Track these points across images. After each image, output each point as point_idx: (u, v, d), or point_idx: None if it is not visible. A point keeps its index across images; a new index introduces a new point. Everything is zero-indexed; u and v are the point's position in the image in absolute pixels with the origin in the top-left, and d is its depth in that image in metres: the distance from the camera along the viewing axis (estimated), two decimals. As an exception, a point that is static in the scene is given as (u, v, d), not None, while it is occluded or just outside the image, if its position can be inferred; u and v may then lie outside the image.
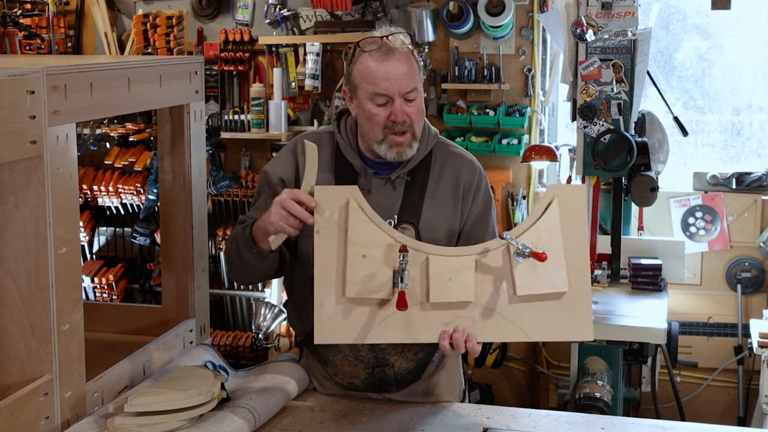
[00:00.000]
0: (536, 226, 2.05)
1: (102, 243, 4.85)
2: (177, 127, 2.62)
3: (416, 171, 2.24)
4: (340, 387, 2.34)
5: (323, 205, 2.05)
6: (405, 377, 2.28)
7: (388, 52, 2.12)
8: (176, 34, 4.51)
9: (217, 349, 3.06)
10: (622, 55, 3.44)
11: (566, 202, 2.07)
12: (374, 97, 2.12)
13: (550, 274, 2.03)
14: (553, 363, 4.51)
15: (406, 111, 2.12)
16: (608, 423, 2.21)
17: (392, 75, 2.10)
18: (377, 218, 2.05)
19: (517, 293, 2.02)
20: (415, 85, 2.13)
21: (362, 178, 2.21)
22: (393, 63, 2.11)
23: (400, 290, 1.96)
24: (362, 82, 2.14)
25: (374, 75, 2.11)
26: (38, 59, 3.09)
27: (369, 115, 2.14)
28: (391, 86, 2.10)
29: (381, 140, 2.15)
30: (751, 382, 4.25)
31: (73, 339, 2.07)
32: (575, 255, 2.05)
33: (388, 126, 2.13)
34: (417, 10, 4.33)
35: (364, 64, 2.14)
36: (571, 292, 2.04)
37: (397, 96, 2.11)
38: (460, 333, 1.99)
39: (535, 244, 2.01)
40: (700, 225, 4.27)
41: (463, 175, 2.27)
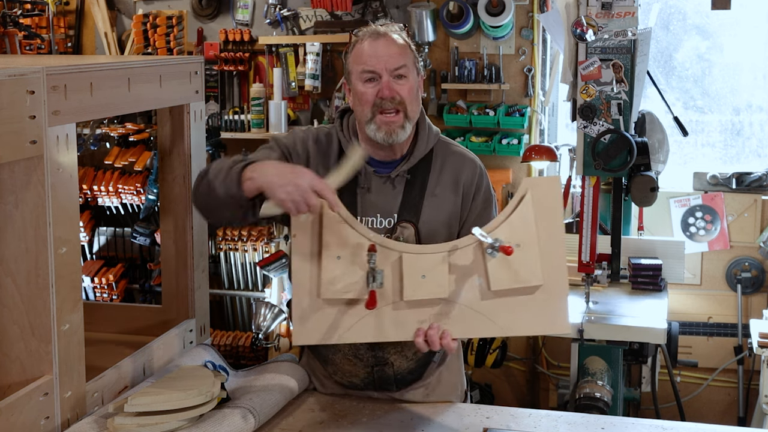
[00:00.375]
0: (509, 220, 2.05)
1: (102, 243, 4.85)
2: (177, 127, 2.62)
3: (416, 169, 2.24)
4: (341, 386, 2.34)
5: None
6: (405, 377, 2.28)
7: (376, 35, 2.17)
8: (176, 34, 4.51)
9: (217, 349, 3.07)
10: (622, 55, 3.43)
11: (540, 195, 2.07)
12: (362, 74, 2.14)
13: (524, 267, 2.02)
14: (553, 363, 4.51)
15: (395, 88, 2.13)
16: (608, 423, 2.21)
17: (380, 52, 2.14)
18: (351, 219, 2.06)
19: (491, 288, 2.02)
20: (404, 62, 2.15)
21: (362, 176, 2.21)
22: (382, 42, 2.15)
23: (371, 289, 1.98)
24: (353, 64, 2.18)
25: (363, 54, 2.15)
26: (38, 59, 3.09)
27: (359, 95, 2.16)
28: (378, 62, 2.13)
29: (370, 119, 2.15)
30: (751, 382, 4.25)
31: (73, 339, 2.07)
32: (551, 248, 2.05)
33: (377, 103, 2.13)
34: (417, 10, 4.33)
35: (356, 48, 2.18)
36: (546, 285, 2.03)
37: (385, 72, 2.13)
38: (434, 330, 1.99)
39: (508, 239, 2.01)
40: (700, 225, 4.27)
41: (464, 174, 2.27)
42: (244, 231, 4.58)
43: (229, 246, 4.64)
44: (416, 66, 2.21)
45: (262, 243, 4.57)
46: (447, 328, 2.01)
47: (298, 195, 1.90)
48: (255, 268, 4.65)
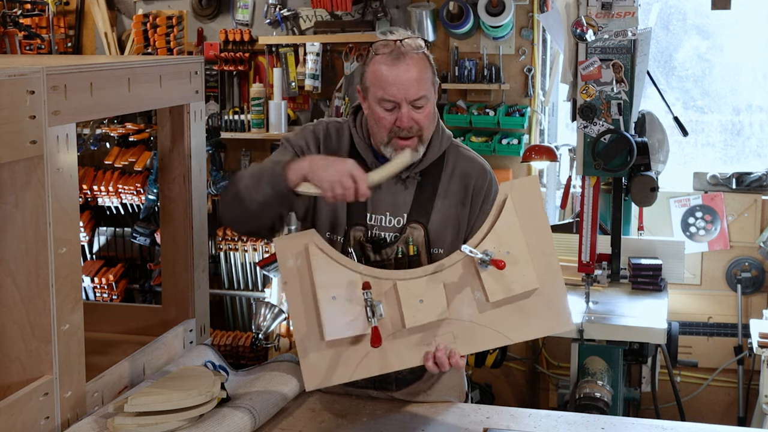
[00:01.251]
0: (494, 230, 2.04)
1: (102, 243, 4.85)
2: (177, 127, 2.62)
3: (428, 172, 2.24)
4: (341, 386, 2.34)
5: (286, 255, 2.05)
6: (406, 376, 2.29)
7: (398, 56, 2.10)
8: (176, 34, 4.51)
9: (217, 349, 3.07)
10: (622, 55, 3.43)
11: (520, 197, 2.06)
12: (382, 101, 2.11)
13: (518, 274, 2.02)
14: (553, 363, 4.51)
15: (413, 117, 2.11)
16: (608, 423, 2.21)
17: (400, 81, 2.08)
18: (339, 256, 2.06)
19: (490, 300, 2.02)
20: (424, 93, 2.11)
21: None
22: (402, 68, 2.09)
23: (373, 326, 1.98)
24: (372, 86, 2.13)
25: (383, 80, 2.10)
26: (38, 59, 3.09)
27: (377, 118, 2.14)
28: (398, 92, 2.09)
29: (386, 143, 2.15)
30: (751, 382, 4.25)
31: (73, 339, 2.07)
32: (541, 248, 2.04)
33: (394, 131, 2.12)
34: (417, 10, 4.32)
35: (375, 67, 2.13)
36: (543, 287, 2.03)
37: (404, 102, 2.09)
38: (442, 352, 2.01)
39: (497, 248, 2.00)
40: (700, 225, 4.27)
41: (473, 179, 2.26)
42: (244, 231, 4.58)
43: (229, 246, 4.64)
44: (434, 84, 2.17)
45: (262, 243, 4.57)
46: (454, 347, 2.02)
47: (336, 176, 1.97)
48: (255, 268, 4.65)
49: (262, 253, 4.59)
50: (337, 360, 2.03)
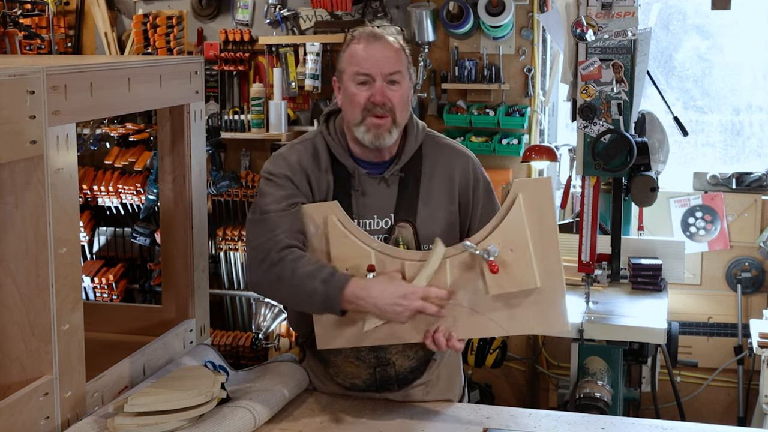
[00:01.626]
0: (501, 227, 2.08)
1: (102, 243, 4.85)
2: (177, 127, 2.62)
3: (408, 167, 2.24)
4: (342, 387, 2.34)
5: (308, 222, 2.15)
6: (406, 376, 2.29)
7: (373, 37, 2.17)
8: (176, 34, 4.50)
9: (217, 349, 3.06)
10: (622, 55, 3.43)
11: (532, 197, 2.08)
12: (356, 76, 2.15)
13: (519, 271, 2.06)
14: (553, 363, 4.51)
15: (387, 94, 2.14)
16: (608, 423, 2.21)
17: (375, 56, 2.14)
18: (358, 231, 2.13)
19: (489, 293, 2.08)
20: (399, 69, 2.15)
21: (355, 179, 2.22)
22: (378, 46, 2.15)
23: None
24: (347, 65, 2.17)
25: (358, 56, 2.15)
26: (38, 59, 3.09)
27: (350, 96, 2.16)
28: (373, 66, 2.13)
29: (360, 122, 2.15)
30: (751, 382, 4.25)
31: (73, 339, 2.07)
32: (546, 250, 2.08)
33: (368, 107, 2.14)
34: (417, 10, 4.32)
35: (351, 49, 2.18)
36: (543, 287, 2.07)
37: (379, 77, 2.13)
38: (440, 333, 2.09)
39: (502, 245, 2.05)
40: (700, 225, 4.27)
41: (457, 168, 2.28)
42: (244, 231, 4.58)
43: (229, 246, 4.64)
44: (409, 71, 2.21)
45: (262, 243, 4.56)
46: (453, 330, 2.09)
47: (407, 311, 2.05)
48: (255, 268, 4.64)
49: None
50: (348, 324, 2.13)
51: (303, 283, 2.08)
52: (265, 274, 2.13)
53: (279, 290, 2.16)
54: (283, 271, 2.10)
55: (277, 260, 2.11)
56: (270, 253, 2.11)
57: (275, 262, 2.11)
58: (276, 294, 2.21)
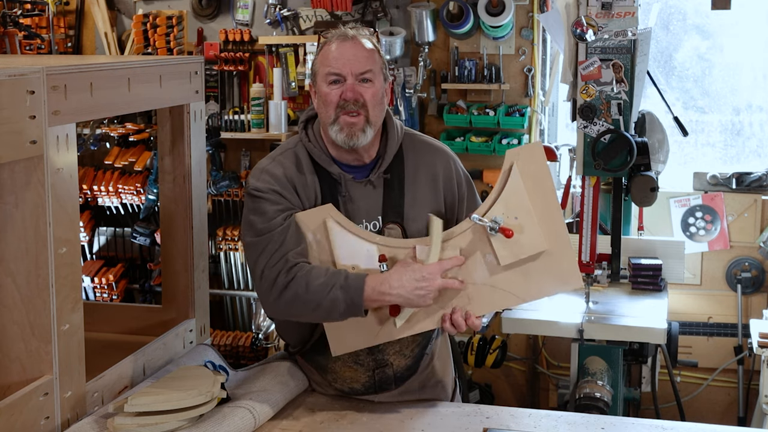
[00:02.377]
0: (502, 196, 2.12)
1: (102, 243, 4.85)
2: (177, 127, 2.62)
3: (392, 168, 2.25)
4: (340, 392, 2.34)
5: (305, 230, 2.14)
6: (403, 374, 2.30)
7: (344, 38, 2.18)
8: (176, 34, 4.50)
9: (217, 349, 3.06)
10: (622, 55, 3.43)
11: (526, 163, 2.14)
12: (328, 76, 2.16)
13: (527, 237, 2.11)
14: (553, 363, 4.51)
15: (359, 90, 2.15)
16: (608, 423, 2.21)
17: (347, 55, 2.15)
18: (356, 228, 2.13)
19: (501, 264, 2.11)
20: (370, 67, 2.16)
21: (341, 185, 2.21)
22: (348, 45, 2.17)
23: None
24: (320, 66, 2.19)
25: (330, 57, 2.17)
26: (38, 59, 3.09)
27: (323, 96, 2.17)
28: (344, 66, 2.14)
29: (333, 121, 2.16)
30: (751, 382, 4.25)
31: (73, 339, 2.07)
32: (548, 211, 2.13)
33: (340, 105, 2.15)
34: (417, 10, 4.32)
35: (323, 51, 2.20)
36: (552, 247, 2.12)
37: (350, 75, 2.14)
38: (458, 313, 2.10)
39: (506, 214, 2.09)
40: (700, 225, 4.27)
41: (438, 165, 2.29)
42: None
43: (229, 246, 4.64)
44: (383, 72, 2.21)
45: (262, 243, 4.56)
46: (469, 309, 2.11)
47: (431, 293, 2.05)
48: (255, 268, 4.64)
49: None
50: (360, 325, 2.13)
51: (321, 296, 2.05)
52: (279, 298, 2.09)
53: (298, 310, 2.10)
54: (297, 290, 2.07)
55: (287, 282, 2.07)
56: (279, 276, 2.08)
57: (286, 284, 2.07)
58: (296, 314, 2.13)
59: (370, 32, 2.25)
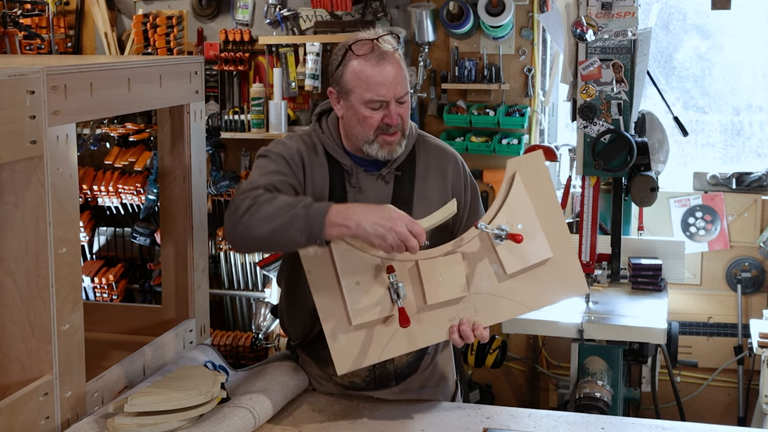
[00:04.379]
0: (506, 205, 2.13)
1: (102, 243, 4.85)
2: (177, 127, 2.62)
3: (403, 165, 2.28)
4: (340, 387, 2.35)
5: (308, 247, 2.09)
6: (404, 371, 2.30)
7: (381, 56, 2.14)
8: (176, 34, 4.51)
9: (217, 349, 3.07)
10: (622, 55, 3.43)
11: (528, 172, 2.15)
12: (370, 102, 2.15)
13: (532, 245, 2.11)
14: (553, 363, 4.51)
15: (398, 113, 2.17)
16: (608, 423, 2.21)
17: (388, 80, 2.14)
18: (359, 242, 2.10)
19: (507, 272, 2.11)
20: (407, 89, 2.19)
21: (353, 176, 2.24)
22: (388, 68, 2.14)
23: (399, 306, 2.05)
24: (356, 87, 2.15)
25: (371, 81, 2.13)
26: (38, 59, 3.09)
27: (362, 118, 2.17)
28: (387, 92, 2.14)
29: (372, 141, 2.19)
30: (751, 382, 4.25)
31: (73, 339, 2.07)
32: (551, 219, 2.14)
33: (381, 128, 2.17)
34: (417, 10, 4.32)
35: (358, 69, 2.15)
36: (556, 254, 2.13)
37: (393, 101, 2.15)
38: (466, 324, 2.09)
39: (510, 222, 2.10)
40: (700, 225, 4.27)
41: (449, 167, 2.32)
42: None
43: (229, 246, 4.64)
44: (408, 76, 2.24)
45: (262, 243, 4.56)
46: (476, 319, 2.11)
47: (397, 240, 1.96)
48: (255, 268, 4.65)
49: (262, 254, 4.59)
50: (366, 342, 2.11)
51: (283, 211, 1.99)
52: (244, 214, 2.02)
53: (256, 221, 2.00)
54: (261, 202, 2.02)
55: (254, 196, 2.04)
56: (246, 193, 2.06)
57: (254, 200, 2.03)
58: (253, 229, 2.01)
59: (392, 36, 2.21)
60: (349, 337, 2.09)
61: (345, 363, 2.11)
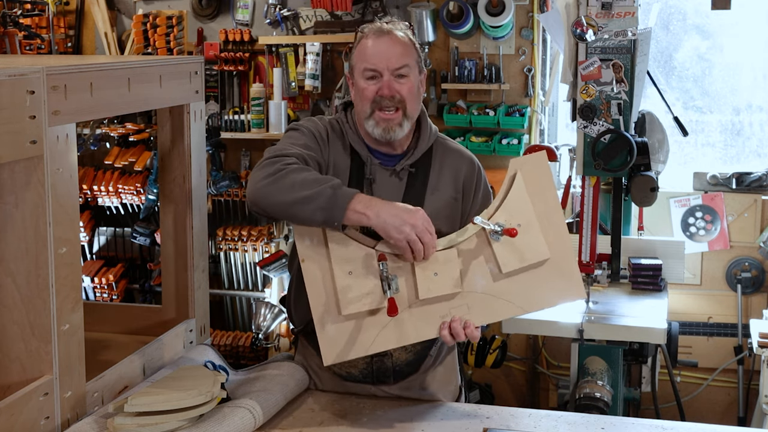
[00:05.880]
0: (505, 204, 2.11)
1: (102, 243, 4.85)
2: (177, 127, 2.62)
3: (418, 165, 2.29)
4: (338, 377, 2.34)
5: (303, 234, 2.10)
6: (403, 369, 2.30)
7: (382, 32, 2.21)
8: (176, 34, 4.51)
9: (217, 349, 3.07)
10: (622, 55, 3.43)
11: (530, 173, 2.13)
12: (365, 72, 2.19)
13: (529, 245, 2.08)
14: (553, 363, 4.51)
15: (395, 87, 2.18)
16: (608, 423, 2.21)
17: (383, 51, 2.18)
18: (354, 233, 2.10)
19: (503, 271, 2.08)
20: (406, 62, 2.20)
21: (368, 167, 2.26)
22: (385, 41, 2.20)
23: (389, 297, 2.01)
24: (357, 61, 2.22)
25: (367, 52, 2.20)
26: (38, 59, 3.09)
27: (360, 90, 2.21)
28: (379, 61, 2.18)
29: (369, 115, 2.20)
30: (751, 382, 4.25)
31: (73, 339, 2.07)
32: (551, 221, 2.11)
33: (376, 100, 2.18)
34: (417, 10, 4.32)
35: (360, 45, 2.23)
36: (554, 257, 2.09)
37: (386, 71, 2.18)
38: (457, 322, 2.06)
39: (508, 221, 2.07)
40: (700, 225, 4.27)
41: (463, 172, 2.32)
42: (244, 231, 4.58)
43: (229, 246, 4.64)
44: (419, 65, 2.26)
45: (262, 243, 4.57)
46: (469, 318, 2.07)
47: (413, 235, 1.99)
48: (255, 268, 4.65)
49: (262, 253, 4.59)
50: (354, 334, 2.07)
51: (311, 185, 2.00)
52: (268, 168, 2.05)
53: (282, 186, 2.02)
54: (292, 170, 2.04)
55: (286, 162, 2.06)
56: (278, 158, 2.08)
57: (285, 163, 2.06)
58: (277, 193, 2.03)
59: (405, 25, 2.27)
60: (338, 328, 2.07)
61: (331, 353, 2.08)
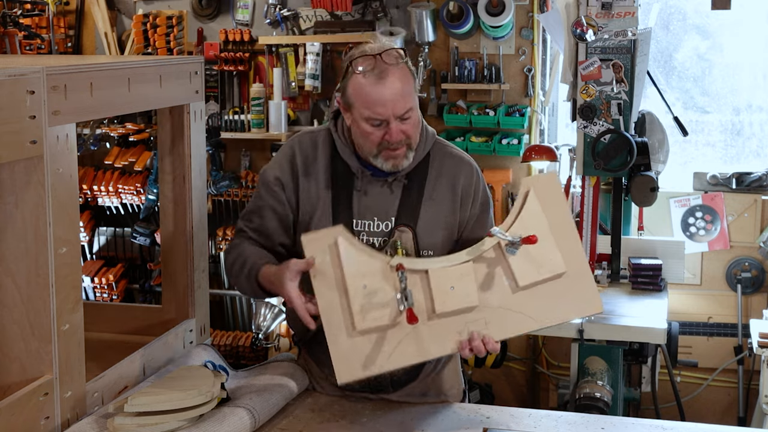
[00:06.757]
0: (520, 218, 2.10)
1: (102, 243, 4.85)
2: (177, 127, 2.62)
3: (414, 173, 2.23)
4: (337, 388, 2.33)
5: (315, 251, 2.05)
6: (400, 378, 2.28)
7: (381, 74, 2.06)
8: (176, 34, 4.51)
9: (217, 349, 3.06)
10: (622, 55, 3.44)
11: (542, 191, 2.12)
12: (369, 120, 2.09)
13: (545, 258, 2.07)
14: (553, 363, 4.51)
15: (402, 129, 2.10)
16: (608, 423, 2.21)
17: (386, 99, 2.06)
18: (366, 248, 2.08)
19: (519, 284, 2.06)
20: (410, 105, 2.10)
21: (359, 179, 2.20)
22: (387, 86, 2.06)
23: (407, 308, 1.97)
24: (356, 103, 2.10)
25: (368, 99, 2.07)
26: (38, 59, 3.09)
27: (363, 134, 2.12)
28: (385, 111, 2.07)
29: (376, 155, 2.14)
30: (751, 382, 4.25)
31: (73, 339, 2.07)
32: (565, 237, 2.10)
33: (383, 144, 2.11)
34: (417, 10, 4.32)
35: (357, 85, 2.09)
36: (570, 271, 2.08)
37: (392, 118, 2.08)
38: (477, 341, 2.01)
39: (523, 235, 2.05)
40: (700, 225, 4.27)
41: (461, 178, 2.25)
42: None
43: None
44: (416, 90, 2.15)
45: (262, 243, 4.56)
46: (486, 333, 2.03)
47: None
48: (255, 268, 4.64)
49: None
50: (369, 351, 2.02)
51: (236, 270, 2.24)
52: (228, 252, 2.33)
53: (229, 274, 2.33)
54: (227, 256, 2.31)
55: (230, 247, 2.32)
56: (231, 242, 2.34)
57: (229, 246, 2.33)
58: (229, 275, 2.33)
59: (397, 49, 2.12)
60: (353, 343, 2.01)
61: (346, 372, 2.02)
